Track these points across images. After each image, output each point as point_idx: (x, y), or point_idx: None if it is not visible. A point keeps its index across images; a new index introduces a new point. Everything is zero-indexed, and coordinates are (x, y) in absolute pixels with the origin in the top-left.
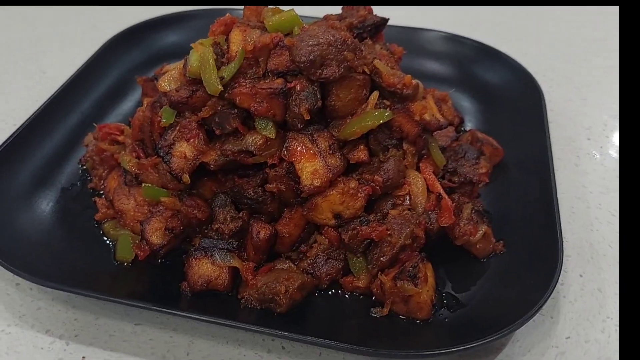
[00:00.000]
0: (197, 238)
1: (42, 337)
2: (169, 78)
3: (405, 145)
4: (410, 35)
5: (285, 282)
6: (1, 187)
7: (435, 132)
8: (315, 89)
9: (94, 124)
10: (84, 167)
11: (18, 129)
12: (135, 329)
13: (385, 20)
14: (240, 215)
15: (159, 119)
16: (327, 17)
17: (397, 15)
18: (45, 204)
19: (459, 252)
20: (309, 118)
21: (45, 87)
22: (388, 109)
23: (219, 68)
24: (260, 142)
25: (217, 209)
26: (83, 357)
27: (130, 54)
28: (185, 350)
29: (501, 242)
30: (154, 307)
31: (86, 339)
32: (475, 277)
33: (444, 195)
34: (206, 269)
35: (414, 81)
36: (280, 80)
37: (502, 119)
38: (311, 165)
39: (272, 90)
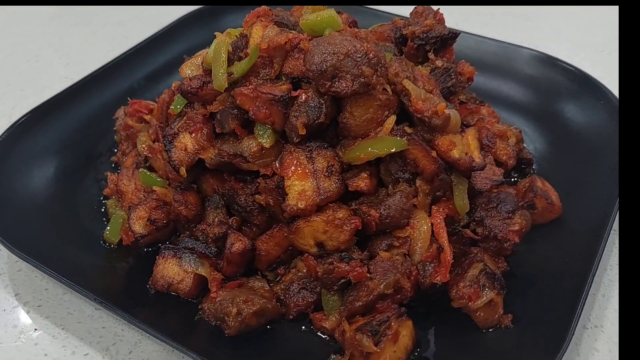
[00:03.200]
0: (184, 234)
1: (9, 299)
2: (192, 64)
3: (418, 182)
4: (497, 51)
5: (241, 305)
6: (24, 147)
7: (477, 173)
8: (322, 102)
9: (128, 98)
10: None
11: (63, 90)
12: (93, 314)
13: (455, 33)
14: (230, 221)
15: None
16: (394, 22)
17: (511, 13)
18: (63, 168)
19: (463, 315)
20: (304, 133)
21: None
22: (405, 138)
23: (233, 62)
24: (255, 149)
25: (208, 209)
26: (35, 329)
27: (197, 32)
28: (129, 348)
29: (510, 315)
30: (98, 299)
31: (46, 312)
32: (466, 349)
33: (446, 247)
34: (171, 270)
35: (447, 111)
36: (286, 87)
37: (578, 168)
38: (300, 184)
39: (272, 96)
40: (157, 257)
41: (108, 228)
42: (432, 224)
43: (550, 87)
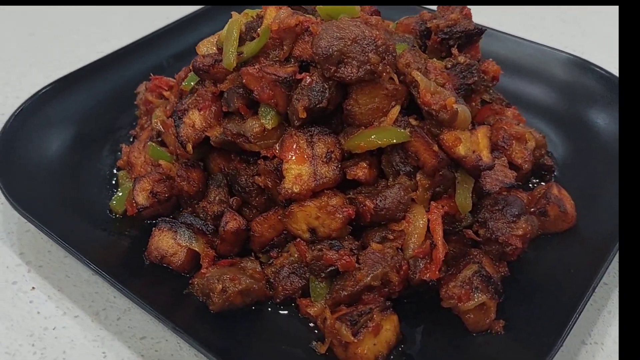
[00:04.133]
0: (186, 210)
1: (14, 257)
2: (209, 42)
3: (418, 176)
4: (532, 53)
5: (227, 282)
6: (47, 114)
7: (487, 173)
8: (326, 87)
9: (151, 74)
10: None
11: (91, 62)
12: (90, 278)
13: (481, 30)
14: (230, 200)
15: None
16: (421, 15)
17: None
18: (82, 138)
19: (454, 317)
20: (304, 116)
21: None
22: (408, 130)
23: (245, 42)
24: (257, 129)
25: (211, 187)
26: (32, 288)
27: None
28: (118, 315)
29: (502, 321)
30: (92, 265)
31: (45, 272)
32: (451, 350)
33: (439, 244)
34: (165, 243)
35: (456, 106)
36: (291, 69)
37: (602, 180)
38: (297, 168)
39: (276, 77)
40: (153, 228)
41: (116, 198)
42: (428, 220)
43: (584, 94)
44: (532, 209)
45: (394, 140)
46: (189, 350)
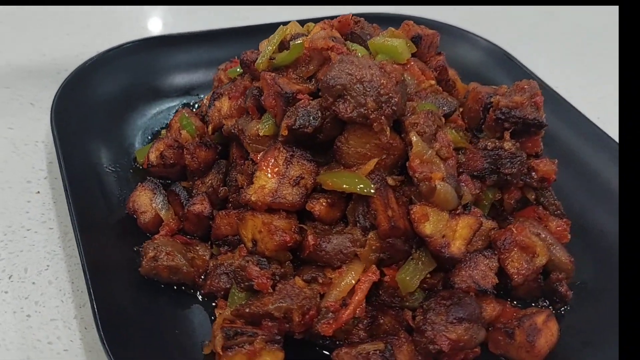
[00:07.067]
0: (187, 183)
1: (43, 163)
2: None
3: (371, 234)
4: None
5: (162, 254)
6: (136, 63)
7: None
8: (319, 115)
9: (235, 56)
10: None
11: (206, 30)
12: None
13: (541, 124)
14: (220, 189)
15: None
16: (499, 88)
17: None
18: (157, 93)
19: None
20: (285, 134)
21: None
22: (376, 186)
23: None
24: (252, 132)
25: (213, 170)
26: (37, 192)
27: None
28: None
29: None
30: (70, 199)
31: (55, 184)
32: None
33: (350, 307)
34: (142, 200)
35: (439, 184)
36: (298, 88)
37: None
38: (265, 179)
39: (279, 89)
40: (139, 183)
41: (143, 147)
42: (357, 281)
43: None
44: (501, 325)
45: (353, 189)
46: None
